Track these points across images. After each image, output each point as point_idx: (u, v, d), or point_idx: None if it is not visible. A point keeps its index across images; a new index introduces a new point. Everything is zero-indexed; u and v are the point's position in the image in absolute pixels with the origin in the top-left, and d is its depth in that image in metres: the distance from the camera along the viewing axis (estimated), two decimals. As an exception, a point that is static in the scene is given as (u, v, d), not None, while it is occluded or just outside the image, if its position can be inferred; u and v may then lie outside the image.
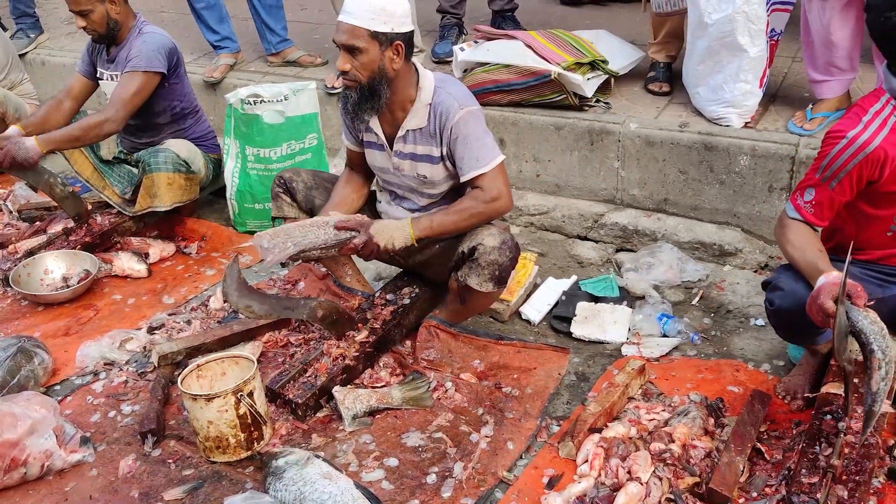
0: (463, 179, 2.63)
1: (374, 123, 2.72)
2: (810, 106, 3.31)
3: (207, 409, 2.38)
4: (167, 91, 3.68)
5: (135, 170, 3.86)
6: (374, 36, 2.48)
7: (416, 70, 2.66)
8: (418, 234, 2.60)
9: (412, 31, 2.58)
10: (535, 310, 3.11)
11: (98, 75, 3.78)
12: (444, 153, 2.64)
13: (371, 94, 2.58)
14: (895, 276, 2.36)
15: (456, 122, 2.58)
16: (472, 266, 2.62)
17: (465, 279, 2.65)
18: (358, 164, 2.94)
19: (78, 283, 3.40)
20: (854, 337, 2.04)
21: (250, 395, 2.42)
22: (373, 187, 3.03)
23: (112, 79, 3.71)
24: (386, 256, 2.82)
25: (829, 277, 2.08)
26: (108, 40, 3.66)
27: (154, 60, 3.55)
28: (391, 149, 2.73)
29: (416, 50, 4.06)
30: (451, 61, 4.11)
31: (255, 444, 2.47)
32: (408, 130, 2.67)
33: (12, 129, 3.57)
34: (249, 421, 2.43)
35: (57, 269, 3.50)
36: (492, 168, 2.59)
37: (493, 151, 2.62)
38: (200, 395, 2.38)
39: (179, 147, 3.74)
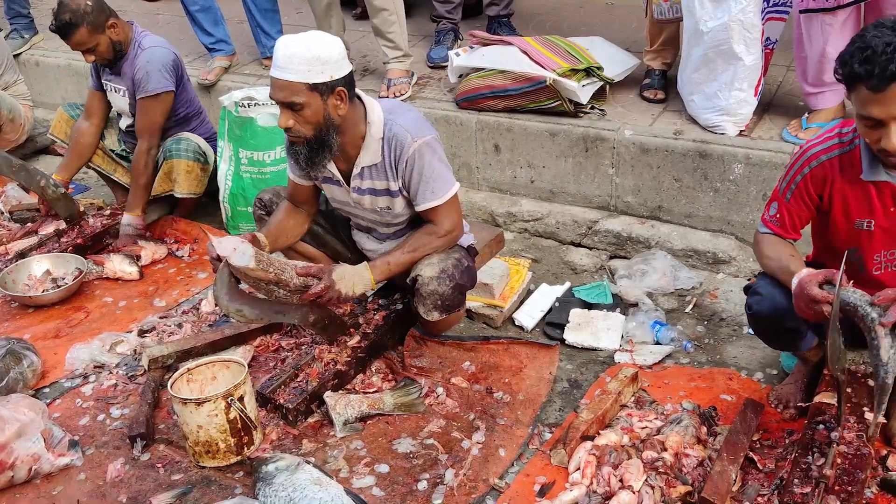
0: (418, 210, 2.61)
1: (328, 163, 2.61)
2: (806, 115, 3.31)
3: (197, 414, 2.36)
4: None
5: None
6: (314, 88, 2.35)
7: (363, 103, 2.55)
8: (377, 278, 2.58)
9: (352, 71, 2.46)
10: (529, 316, 3.10)
11: (106, 88, 3.79)
12: (401, 186, 2.60)
13: (320, 146, 2.47)
14: None
15: (410, 154, 2.51)
16: (417, 296, 2.61)
17: (415, 308, 2.65)
18: (302, 200, 2.81)
19: (72, 282, 3.38)
20: (849, 316, 1.97)
21: (241, 399, 2.40)
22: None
23: (115, 90, 3.73)
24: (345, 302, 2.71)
25: (803, 273, 2.05)
26: (116, 61, 3.64)
27: (162, 80, 3.58)
28: (349, 185, 2.66)
29: (398, 56, 4.07)
30: (446, 66, 4.11)
31: (245, 448, 2.45)
32: (363, 168, 2.59)
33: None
34: (240, 426, 2.41)
35: (42, 273, 3.47)
36: (446, 200, 2.57)
37: (448, 183, 2.58)
38: (190, 400, 2.37)
39: (198, 139, 3.80)
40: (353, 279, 2.54)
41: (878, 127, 1.92)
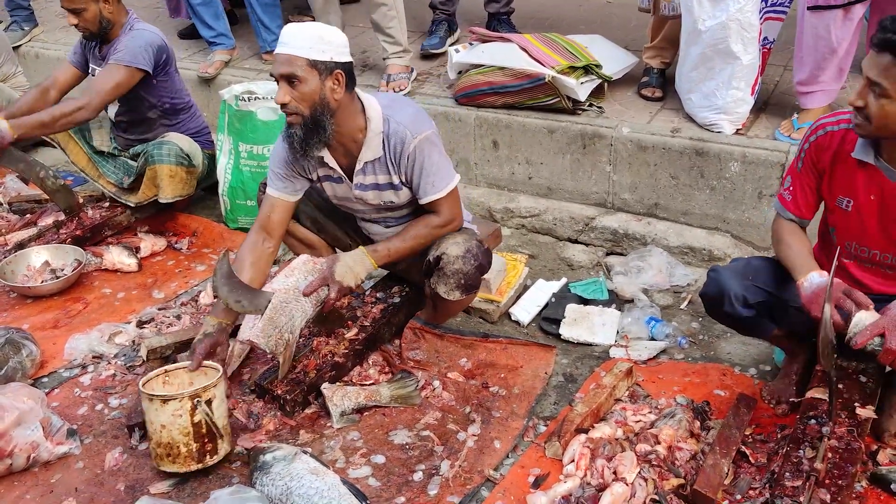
0: (421, 202, 2.66)
1: (328, 157, 2.63)
2: (796, 115, 3.33)
3: (162, 412, 2.26)
4: (155, 88, 3.66)
5: (130, 161, 3.86)
6: (313, 65, 2.40)
7: (360, 99, 2.58)
8: (378, 262, 2.62)
9: (351, 63, 2.51)
10: (525, 311, 3.12)
11: (90, 71, 3.77)
12: (403, 180, 2.64)
13: (316, 126, 2.48)
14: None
15: (411, 151, 2.55)
16: (439, 275, 2.64)
17: (434, 287, 2.67)
18: (278, 222, 2.73)
19: (70, 273, 3.39)
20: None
21: (209, 402, 2.30)
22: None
23: None
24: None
25: (820, 280, 2.13)
26: (99, 39, 3.63)
27: (139, 56, 3.50)
28: (351, 181, 2.68)
29: (397, 52, 4.08)
30: (438, 54, 4.12)
31: (208, 457, 2.34)
32: (365, 163, 2.61)
33: None
34: (204, 431, 2.31)
35: (41, 264, 3.48)
36: (447, 193, 2.63)
37: (448, 177, 2.63)
38: (157, 396, 2.27)
39: (181, 140, 3.73)
40: (354, 268, 2.56)
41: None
